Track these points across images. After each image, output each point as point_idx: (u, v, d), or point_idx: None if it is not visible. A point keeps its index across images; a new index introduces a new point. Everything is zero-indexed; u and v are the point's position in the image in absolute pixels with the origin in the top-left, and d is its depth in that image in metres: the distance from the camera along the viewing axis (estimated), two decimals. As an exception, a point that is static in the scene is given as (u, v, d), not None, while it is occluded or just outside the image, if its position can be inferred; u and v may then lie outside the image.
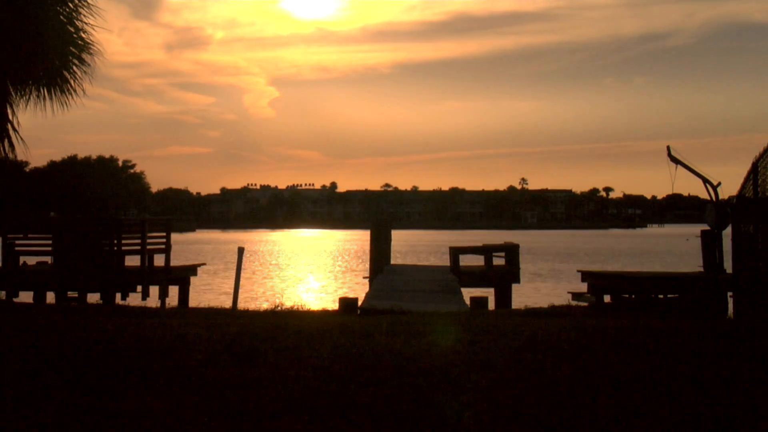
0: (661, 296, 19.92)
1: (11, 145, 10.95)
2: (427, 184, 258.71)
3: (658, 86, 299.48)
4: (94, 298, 20.31)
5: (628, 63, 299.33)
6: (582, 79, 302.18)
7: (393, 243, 25.99)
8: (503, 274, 22.94)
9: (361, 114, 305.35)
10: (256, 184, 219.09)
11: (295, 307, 14.89)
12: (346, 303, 15.06)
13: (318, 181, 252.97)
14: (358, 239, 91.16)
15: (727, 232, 15.18)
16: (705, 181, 23.26)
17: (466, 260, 24.95)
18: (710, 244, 22.10)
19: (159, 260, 22.74)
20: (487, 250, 24.04)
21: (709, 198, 23.24)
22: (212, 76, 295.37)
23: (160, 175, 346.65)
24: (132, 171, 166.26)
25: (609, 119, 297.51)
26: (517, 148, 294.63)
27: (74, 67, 11.36)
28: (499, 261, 23.67)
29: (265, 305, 15.42)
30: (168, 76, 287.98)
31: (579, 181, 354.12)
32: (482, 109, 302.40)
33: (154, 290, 22.02)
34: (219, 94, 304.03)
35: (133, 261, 21.97)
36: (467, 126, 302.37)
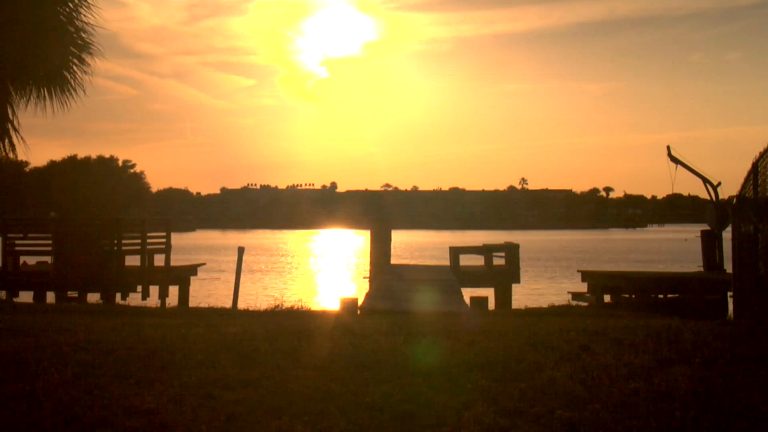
0: (661, 296, 19.94)
1: (11, 144, 10.94)
2: (427, 184, 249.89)
3: (753, 63, 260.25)
4: (94, 298, 20.32)
5: (726, 36, 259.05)
6: (666, 56, 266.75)
7: (393, 243, 25.98)
8: (503, 274, 22.95)
9: (414, 101, 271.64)
10: (256, 184, 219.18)
11: (295, 307, 14.87)
12: (346, 303, 15.05)
13: (318, 181, 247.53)
14: (358, 239, 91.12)
15: (727, 232, 15.18)
16: (705, 181, 23.30)
17: (466, 260, 24.95)
18: (710, 244, 22.13)
19: (159, 260, 22.75)
20: (487, 250, 24.06)
21: (709, 198, 23.27)
22: (252, 53, 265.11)
23: (160, 175, 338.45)
24: (132, 171, 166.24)
25: (686, 103, 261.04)
26: (577, 138, 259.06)
27: (74, 67, 11.35)
28: (499, 261, 23.68)
29: (265, 305, 15.39)
30: (202, 54, 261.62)
31: (579, 181, 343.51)
32: (545, 93, 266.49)
33: (154, 290, 22.02)
34: (259, 74, 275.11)
35: (133, 261, 21.98)
36: (522, 112, 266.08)
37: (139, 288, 21.30)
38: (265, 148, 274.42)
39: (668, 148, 23.69)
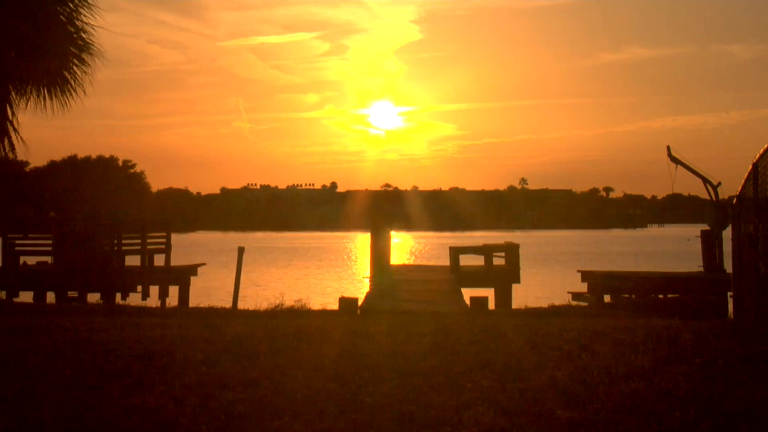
0: (661, 296, 19.95)
1: (11, 144, 10.95)
2: (427, 184, 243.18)
3: None
4: (94, 298, 20.31)
5: None
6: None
7: (393, 243, 25.99)
8: (503, 274, 22.93)
9: (510, 71, 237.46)
10: (256, 184, 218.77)
11: (295, 307, 14.87)
12: (346, 303, 15.03)
13: (318, 181, 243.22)
14: (358, 239, 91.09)
15: (727, 232, 15.18)
16: (705, 181, 23.32)
17: (466, 260, 24.92)
18: (710, 244, 22.15)
19: (159, 260, 22.75)
20: (487, 250, 24.03)
21: (709, 198, 23.30)
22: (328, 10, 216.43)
23: (160, 175, 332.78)
24: (132, 171, 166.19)
25: None
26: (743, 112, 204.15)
27: (74, 67, 11.35)
28: (499, 261, 23.67)
29: (265, 305, 15.39)
30: (274, 7, 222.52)
31: (579, 181, 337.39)
32: (676, 59, 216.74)
33: (154, 290, 22.03)
34: (334, 36, 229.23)
35: (133, 261, 21.98)
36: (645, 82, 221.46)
37: (139, 288, 21.31)
38: (329, 136, 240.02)
39: (668, 148, 23.70)
